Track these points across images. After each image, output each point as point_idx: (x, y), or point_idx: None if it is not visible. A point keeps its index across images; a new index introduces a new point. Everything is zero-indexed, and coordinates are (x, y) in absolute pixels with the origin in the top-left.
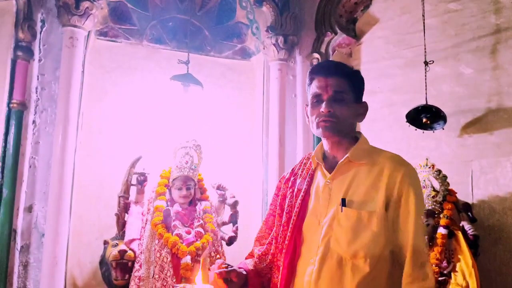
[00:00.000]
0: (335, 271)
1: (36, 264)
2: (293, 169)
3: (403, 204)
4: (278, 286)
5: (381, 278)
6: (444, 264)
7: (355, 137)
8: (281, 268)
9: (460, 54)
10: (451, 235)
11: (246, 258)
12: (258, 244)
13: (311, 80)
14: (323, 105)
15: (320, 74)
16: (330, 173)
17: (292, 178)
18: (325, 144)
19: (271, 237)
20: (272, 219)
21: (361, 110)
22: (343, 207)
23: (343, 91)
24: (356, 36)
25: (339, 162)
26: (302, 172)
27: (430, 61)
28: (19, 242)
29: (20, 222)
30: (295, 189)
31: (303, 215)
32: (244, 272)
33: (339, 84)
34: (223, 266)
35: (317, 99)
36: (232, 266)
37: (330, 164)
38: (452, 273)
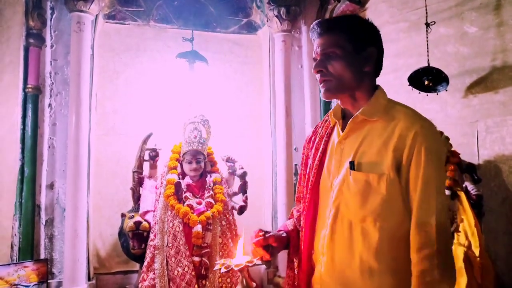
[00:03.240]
0: (347, 236)
1: (60, 236)
2: (316, 126)
3: (414, 168)
4: (302, 247)
5: (394, 243)
6: None
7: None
8: (303, 229)
9: (464, 12)
10: (453, 196)
11: (288, 219)
12: (298, 204)
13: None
14: None
15: (313, 38)
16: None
17: (313, 138)
18: (340, 101)
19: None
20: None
21: (364, 57)
22: (351, 171)
23: (334, 46)
24: (360, 2)
25: (350, 120)
26: (321, 130)
27: (431, 22)
28: (43, 217)
29: (43, 198)
30: (313, 149)
31: (320, 176)
32: (284, 234)
33: (327, 42)
34: (260, 234)
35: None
36: (269, 232)
37: (348, 122)
38: (455, 233)
